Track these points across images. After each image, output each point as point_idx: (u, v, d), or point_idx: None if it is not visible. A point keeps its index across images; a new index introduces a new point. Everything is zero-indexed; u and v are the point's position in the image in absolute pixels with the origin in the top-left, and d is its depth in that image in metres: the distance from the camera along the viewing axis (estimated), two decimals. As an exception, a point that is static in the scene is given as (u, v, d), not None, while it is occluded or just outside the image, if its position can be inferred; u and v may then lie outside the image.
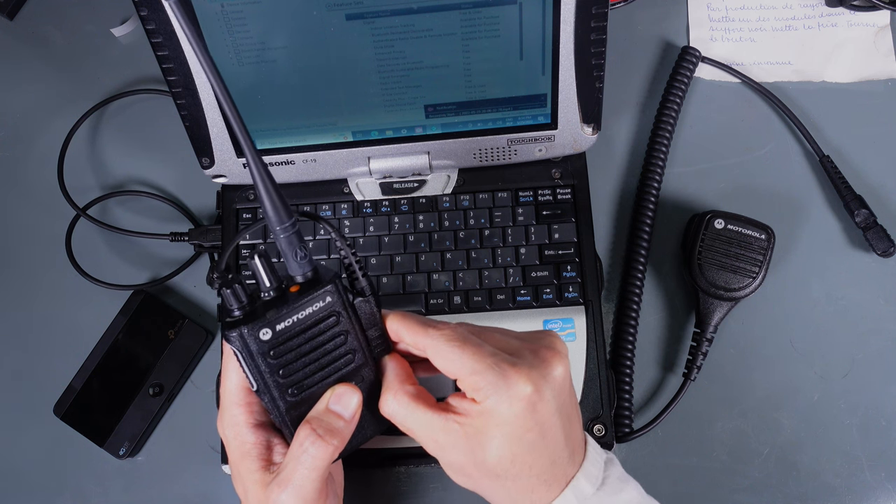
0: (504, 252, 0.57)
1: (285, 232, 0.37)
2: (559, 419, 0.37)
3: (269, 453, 0.40)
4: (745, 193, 0.60)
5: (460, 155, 0.57)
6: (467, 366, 0.37)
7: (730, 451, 0.55)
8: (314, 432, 0.37)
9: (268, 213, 0.37)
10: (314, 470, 0.37)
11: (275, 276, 0.38)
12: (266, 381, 0.38)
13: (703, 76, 0.64)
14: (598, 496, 0.38)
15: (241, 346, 0.37)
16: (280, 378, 0.38)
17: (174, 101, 0.51)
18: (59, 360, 0.58)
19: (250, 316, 0.37)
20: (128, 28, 0.67)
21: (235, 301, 0.37)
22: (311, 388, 0.39)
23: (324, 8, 0.47)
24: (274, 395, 0.38)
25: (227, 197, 0.59)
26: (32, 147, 0.65)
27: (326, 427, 0.38)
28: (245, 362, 0.37)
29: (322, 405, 0.39)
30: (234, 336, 0.36)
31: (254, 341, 0.37)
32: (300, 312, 0.37)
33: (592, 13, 0.48)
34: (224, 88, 0.35)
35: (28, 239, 0.62)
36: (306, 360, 0.38)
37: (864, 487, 0.54)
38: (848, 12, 0.65)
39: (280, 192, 0.37)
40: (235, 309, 0.37)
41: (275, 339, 0.37)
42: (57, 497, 0.56)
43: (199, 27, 0.47)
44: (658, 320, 0.58)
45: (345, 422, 0.38)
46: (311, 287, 0.38)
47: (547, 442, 0.37)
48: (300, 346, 0.38)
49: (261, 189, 0.36)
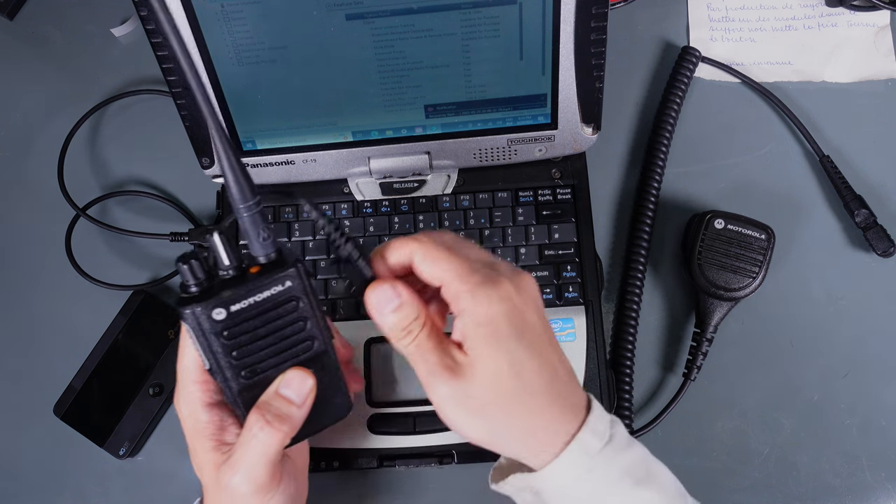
0: (504, 252, 0.57)
1: (249, 210, 0.36)
2: (546, 335, 0.38)
3: (223, 433, 0.39)
4: (745, 193, 0.60)
5: (460, 155, 0.57)
6: (454, 269, 0.37)
7: (730, 451, 0.55)
8: (262, 417, 0.37)
9: (231, 189, 0.36)
10: (263, 455, 0.37)
11: (235, 255, 0.37)
12: (219, 361, 0.37)
13: (703, 76, 0.64)
14: (605, 452, 0.37)
15: (195, 324, 0.36)
16: (233, 360, 0.37)
17: (174, 101, 0.51)
18: (59, 360, 0.58)
19: (206, 294, 0.36)
20: (128, 28, 0.67)
21: (192, 277, 0.36)
22: (265, 371, 0.38)
23: (324, 8, 0.47)
24: (227, 375, 0.37)
25: (227, 197, 0.59)
26: (32, 147, 0.65)
27: (275, 412, 0.37)
28: (198, 341, 0.36)
29: (272, 389, 0.38)
30: (187, 313, 0.35)
31: (207, 320, 0.36)
32: (257, 294, 0.36)
33: (592, 13, 0.48)
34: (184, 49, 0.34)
35: (28, 239, 0.62)
36: (262, 344, 0.37)
37: (864, 487, 0.54)
38: (848, 12, 0.65)
39: (245, 169, 0.36)
40: (192, 285, 0.36)
41: (229, 319, 0.36)
42: (57, 497, 0.56)
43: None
44: (658, 320, 0.58)
45: (295, 407, 0.38)
46: (273, 269, 0.37)
47: (539, 352, 0.37)
48: (256, 328, 0.37)
49: (225, 164, 0.35)
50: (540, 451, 0.37)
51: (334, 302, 0.56)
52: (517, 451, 0.38)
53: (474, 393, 0.36)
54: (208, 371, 0.38)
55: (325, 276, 0.57)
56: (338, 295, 0.56)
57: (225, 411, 0.40)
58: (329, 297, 0.56)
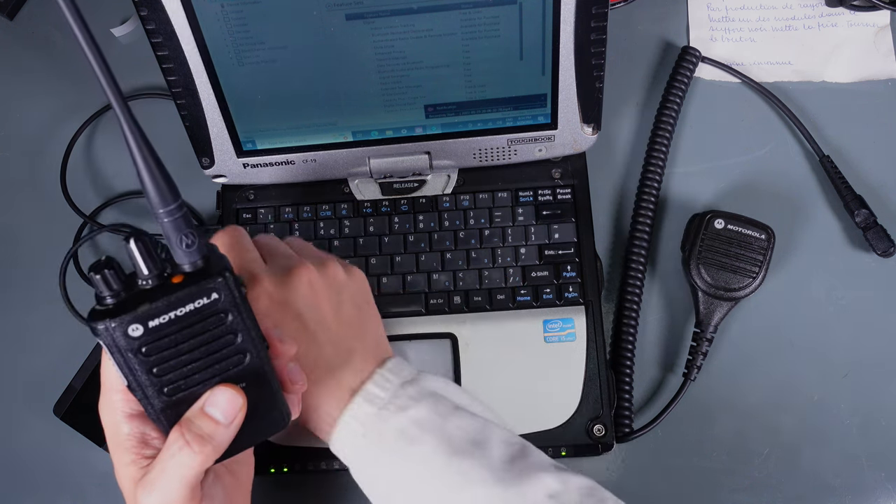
0: (504, 252, 0.57)
1: (170, 215, 0.32)
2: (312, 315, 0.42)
3: (143, 447, 0.37)
4: (745, 193, 0.60)
5: (460, 155, 0.57)
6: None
7: (730, 451, 0.55)
8: (182, 437, 0.34)
9: (149, 192, 0.31)
10: (180, 479, 0.35)
11: (154, 263, 0.32)
12: (137, 379, 0.33)
13: (703, 76, 0.64)
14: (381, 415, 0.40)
15: (109, 340, 0.32)
16: (153, 377, 0.33)
17: (174, 102, 0.51)
18: (59, 360, 0.58)
19: (121, 306, 0.32)
20: (128, 28, 0.67)
21: (106, 288, 0.32)
22: (190, 388, 0.34)
23: (324, 8, 0.47)
24: (146, 393, 0.34)
25: (227, 197, 0.59)
26: (33, 146, 0.65)
27: (197, 432, 0.34)
28: (114, 358, 0.33)
29: (197, 407, 0.35)
30: (100, 329, 0.31)
31: (122, 337, 0.32)
32: (179, 308, 0.32)
33: (592, 13, 0.48)
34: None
35: (28, 239, 0.62)
36: (185, 360, 0.34)
37: (864, 487, 0.54)
38: (848, 12, 0.65)
39: (164, 170, 0.32)
40: (107, 297, 0.32)
41: (147, 336, 0.32)
42: (57, 497, 0.56)
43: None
44: (658, 320, 0.58)
45: (222, 427, 0.35)
46: (198, 279, 0.33)
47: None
48: (178, 343, 0.33)
49: (140, 164, 0.31)
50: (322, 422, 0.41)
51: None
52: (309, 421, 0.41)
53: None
54: (127, 388, 0.34)
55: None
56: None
57: (148, 424, 0.37)
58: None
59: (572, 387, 0.53)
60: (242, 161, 0.55)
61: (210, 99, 0.51)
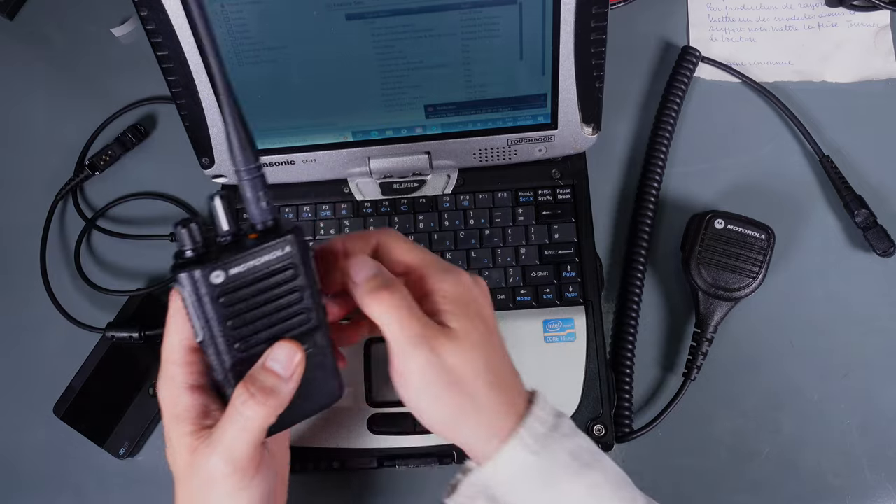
0: (504, 252, 0.57)
1: (250, 174, 0.35)
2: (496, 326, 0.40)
3: (204, 418, 0.37)
4: (745, 193, 0.60)
5: (460, 155, 0.57)
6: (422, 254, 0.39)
7: (730, 451, 0.55)
8: (247, 391, 0.35)
9: (234, 150, 0.35)
10: (246, 431, 0.35)
11: (234, 221, 0.36)
12: (213, 330, 0.35)
13: (703, 76, 0.64)
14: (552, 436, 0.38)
15: (191, 289, 0.34)
16: (228, 329, 0.35)
17: (174, 102, 0.51)
18: (59, 360, 0.58)
19: (203, 258, 0.34)
20: (128, 28, 0.67)
21: (190, 241, 0.34)
22: (258, 344, 0.36)
23: (324, 8, 0.47)
24: (219, 347, 0.35)
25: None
26: (33, 147, 0.65)
27: (261, 386, 0.35)
28: (193, 308, 0.35)
29: (259, 363, 0.36)
30: (184, 277, 0.34)
31: (204, 284, 0.34)
32: (256, 259, 0.35)
33: (592, 13, 0.48)
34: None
35: (28, 239, 0.62)
36: (257, 313, 0.36)
37: (864, 487, 0.54)
38: (848, 12, 0.65)
39: (249, 132, 0.35)
40: (188, 250, 0.34)
41: (227, 283, 0.34)
42: (57, 497, 0.56)
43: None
44: (658, 320, 0.58)
45: (283, 381, 0.36)
46: (271, 235, 0.35)
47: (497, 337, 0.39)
48: (253, 296, 0.35)
49: (229, 123, 0.34)
50: (492, 435, 0.37)
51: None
52: (472, 434, 0.37)
53: (452, 364, 0.36)
54: (199, 343, 0.36)
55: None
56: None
57: (209, 396, 0.37)
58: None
59: (572, 387, 0.53)
60: (242, 161, 0.55)
61: (210, 99, 0.51)
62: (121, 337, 0.57)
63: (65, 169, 0.63)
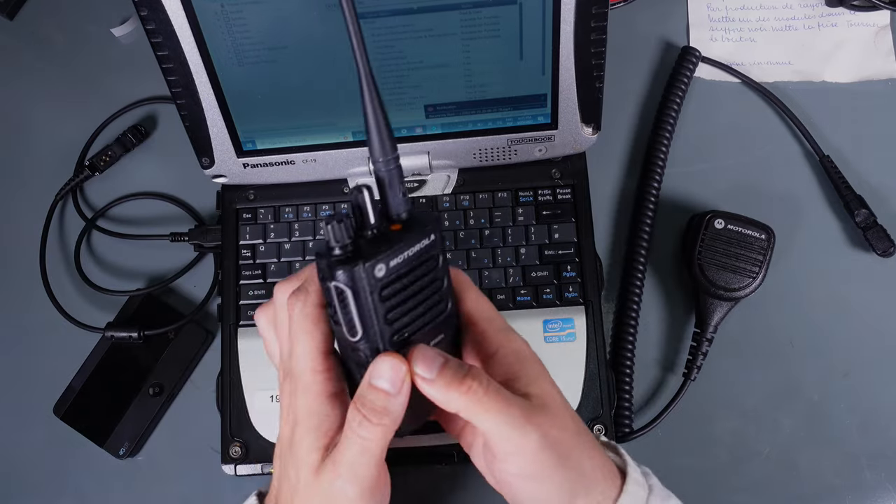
0: (504, 252, 0.57)
1: (392, 164, 0.34)
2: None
3: (338, 433, 0.35)
4: (745, 193, 0.60)
5: (460, 155, 0.57)
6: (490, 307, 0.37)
7: (730, 451, 0.55)
8: (359, 412, 0.33)
9: (377, 142, 0.34)
10: (366, 453, 0.34)
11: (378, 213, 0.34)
12: (375, 325, 0.33)
13: (703, 76, 0.64)
14: (652, 501, 0.36)
15: (359, 283, 0.32)
16: (387, 324, 0.34)
17: (174, 102, 0.51)
18: (59, 360, 0.58)
19: (359, 252, 0.33)
20: (128, 28, 0.67)
21: (345, 236, 0.32)
22: (413, 334, 0.35)
23: (324, 8, 0.47)
24: (378, 344, 0.34)
25: (228, 197, 0.59)
26: (34, 147, 0.65)
27: (371, 407, 0.33)
28: (356, 304, 0.33)
29: (366, 381, 0.34)
30: (344, 273, 0.32)
31: (368, 278, 0.32)
32: (410, 250, 0.34)
33: (592, 13, 0.48)
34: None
35: (28, 239, 0.62)
36: (410, 304, 0.34)
37: (864, 487, 0.54)
38: (848, 12, 0.65)
39: (389, 124, 0.34)
40: (337, 248, 0.32)
41: (387, 276, 0.33)
42: (57, 497, 0.56)
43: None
44: (658, 320, 0.58)
45: (391, 397, 0.34)
46: (413, 224, 0.34)
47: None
48: (406, 287, 0.34)
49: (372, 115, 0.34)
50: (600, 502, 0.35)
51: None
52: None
53: (557, 438, 0.34)
54: (356, 342, 0.34)
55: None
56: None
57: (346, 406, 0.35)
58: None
59: (572, 387, 0.53)
60: (242, 161, 0.55)
61: (210, 99, 0.51)
62: (121, 337, 0.57)
63: (65, 169, 0.63)
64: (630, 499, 0.36)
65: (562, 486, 0.35)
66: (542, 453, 0.34)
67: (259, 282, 0.57)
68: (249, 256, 0.57)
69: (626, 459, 0.38)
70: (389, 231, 0.34)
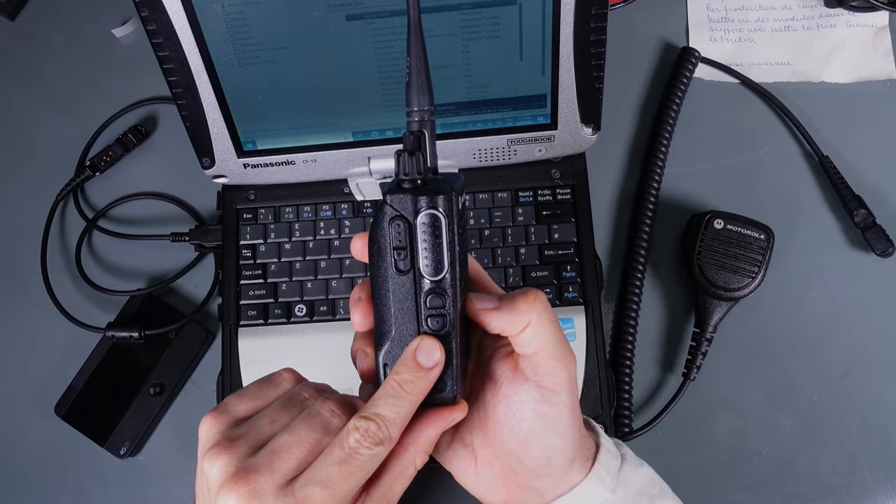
0: (504, 252, 0.57)
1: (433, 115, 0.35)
2: None
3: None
4: (744, 193, 0.60)
5: (460, 155, 0.57)
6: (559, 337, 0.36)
7: (730, 451, 0.55)
8: (397, 383, 0.33)
9: (413, 93, 0.34)
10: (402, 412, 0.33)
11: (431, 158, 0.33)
12: (457, 260, 0.32)
13: (702, 76, 0.64)
14: (624, 470, 0.38)
15: (450, 210, 0.31)
16: (459, 264, 0.32)
17: (174, 102, 0.52)
18: (60, 359, 0.58)
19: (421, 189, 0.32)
20: (128, 28, 0.67)
21: (414, 170, 0.32)
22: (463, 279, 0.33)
23: (324, 8, 0.47)
24: (456, 287, 0.32)
25: (228, 197, 0.59)
26: (34, 147, 0.65)
27: (407, 378, 0.33)
28: (447, 234, 0.32)
29: (409, 352, 0.33)
30: (444, 199, 0.31)
31: (458, 208, 0.31)
32: (464, 193, 0.33)
33: (592, 13, 0.49)
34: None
35: (29, 239, 0.62)
36: (462, 249, 0.33)
37: (864, 487, 0.54)
38: (847, 13, 0.65)
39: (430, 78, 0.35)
40: (406, 182, 0.32)
41: (464, 210, 0.32)
42: (57, 497, 0.57)
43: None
44: (658, 320, 0.58)
45: (423, 371, 0.33)
46: (446, 177, 0.34)
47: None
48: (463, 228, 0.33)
49: (414, 65, 0.35)
50: (576, 471, 0.36)
51: (334, 302, 0.56)
52: (560, 474, 0.36)
53: (571, 400, 0.35)
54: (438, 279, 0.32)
55: (326, 277, 0.57)
56: (339, 294, 0.57)
57: None
58: (330, 297, 0.56)
59: (572, 386, 0.53)
60: (243, 161, 0.56)
61: (210, 99, 0.51)
62: (121, 337, 0.57)
63: (66, 169, 0.63)
64: (602, 466, 0.37)
65: (573, 443, 0.35)
66: (572, 384, 0.35)
67: (259, 282, 0.57)
68: (250, 256, 0.57)
69: (599, 431, 0.39)
70: (434, 178, 0.33)
